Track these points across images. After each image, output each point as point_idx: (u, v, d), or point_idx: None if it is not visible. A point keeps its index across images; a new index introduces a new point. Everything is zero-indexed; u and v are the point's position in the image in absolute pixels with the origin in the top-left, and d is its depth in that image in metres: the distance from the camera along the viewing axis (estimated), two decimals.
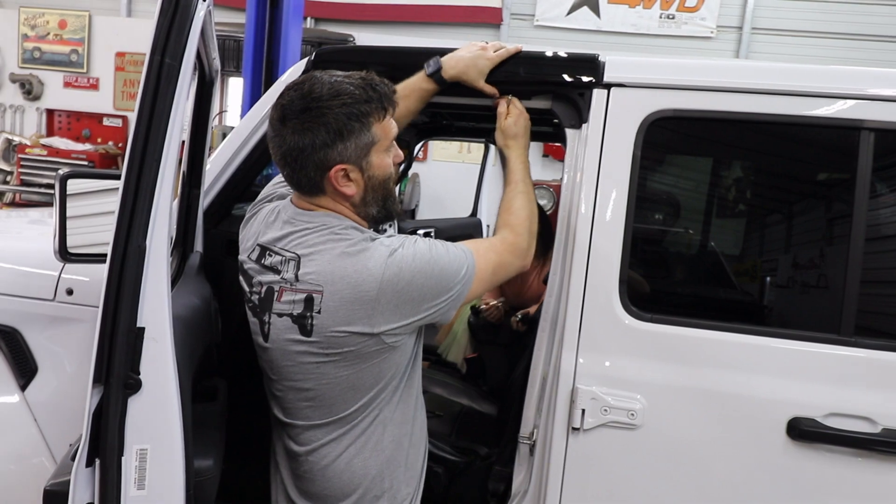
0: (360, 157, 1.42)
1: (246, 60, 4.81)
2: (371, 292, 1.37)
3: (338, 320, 1.39)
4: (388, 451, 1.53)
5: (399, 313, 1.41)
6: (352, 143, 1.40)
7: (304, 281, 1.41)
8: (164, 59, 1.12)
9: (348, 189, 1.45)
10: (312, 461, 1.52)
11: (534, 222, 1.64)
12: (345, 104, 1.38)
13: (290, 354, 1.46)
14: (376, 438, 1.51)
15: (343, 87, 1.39)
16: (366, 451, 1.51)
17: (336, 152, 1.39)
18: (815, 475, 1.59)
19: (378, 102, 1.42)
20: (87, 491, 1.19)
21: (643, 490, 1.67)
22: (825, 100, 1.63)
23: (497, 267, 1.56)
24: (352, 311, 1.38)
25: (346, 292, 1.38)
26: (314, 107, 1.37)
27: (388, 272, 1.38)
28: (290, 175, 1.47)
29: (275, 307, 1.46)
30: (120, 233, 1.14)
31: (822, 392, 1.58)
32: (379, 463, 1.52)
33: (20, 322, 2.04)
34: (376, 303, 1.38)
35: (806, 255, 1.76)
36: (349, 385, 1.46)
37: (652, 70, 1.74)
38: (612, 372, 1.66)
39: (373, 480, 1.52)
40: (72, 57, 7.16)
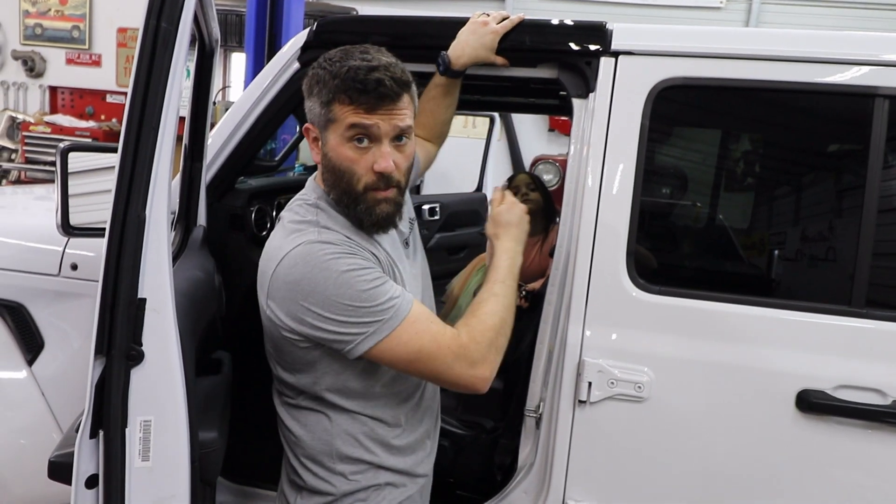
0: (320, 125, 1.38)
1: (248, 35, 4.78)
2: (270, 271, 1.34)
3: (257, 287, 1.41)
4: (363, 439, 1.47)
5: (284, 306, 1.32)
6: (315, 104, 1.37)
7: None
8: (161, 24, 1.09)
9: (314, 153, 1.44)
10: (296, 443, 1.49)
11: (501, 336, 1.41)
12: (324, 68, 1.36)
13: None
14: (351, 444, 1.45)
15: (349, 61, 1.34)
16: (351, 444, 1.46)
17: (307, 106, 1.40)
18: (825, 448, 1.58)
19: (349, 89, 1.32)
20: (92, 462, 1.19)
21: (650, 463, 1.66)
22: (838, 66, 1.59)
23: (427, 356, 1.34)
24: (260, 283, 1.38)
25: (263, 262, 1.39)
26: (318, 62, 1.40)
27: (289, 258, 1.31)
28: None
29: None
30: (119, 203, 1.12)
31: (831, 364, 1.56)
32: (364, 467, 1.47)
33: (26, 297, 2.05)
34: (271, 283, 1.33)
35: (818, 227, 1.74)
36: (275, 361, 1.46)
37: (661, 37, 1.70)
38: (618, 345, 1.65)
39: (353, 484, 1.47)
40: (73, 33, 7.09)
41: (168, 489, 1.24)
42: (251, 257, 2.07)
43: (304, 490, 1.50)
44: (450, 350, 1.34)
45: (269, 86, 1.90)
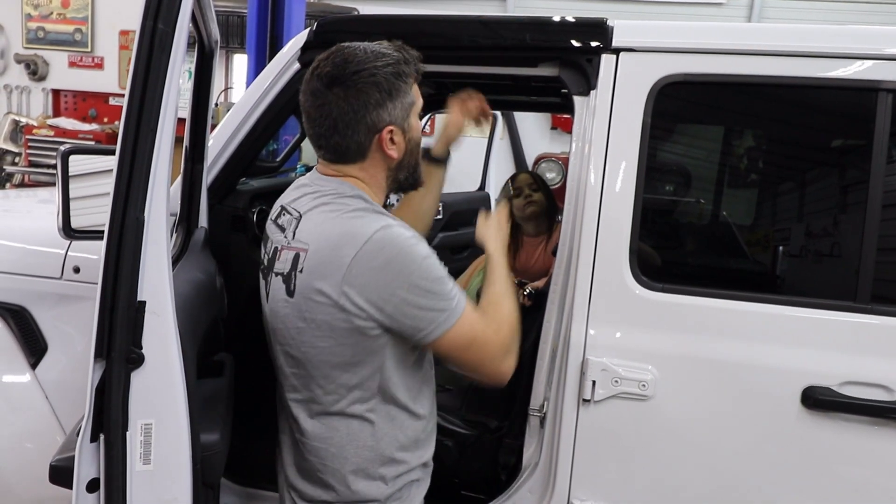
0: (405, 118, 1.42)
1: (249, 36, 4.78)
2: (346, 258, 1.30)
3: (313, 279, 1.33)
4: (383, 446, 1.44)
5: (367, 291, 1.30)
6: (399, 102, 1.40)
7: (297, 240, 1.39)
8: (157, 25, 1.08)
9: (393, 152, 1.43)
10: (306, 439, 1.46)
11: (517, 332, 1.48)
12: (389, 64, 1.38)
13: (281, 316, 1.42)
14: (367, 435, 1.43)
15: (382, 50, 1.40)
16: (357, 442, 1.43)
17: (387, 112, 1.39)
18: (831, 444, 1.57)
19: (414, 64, 1.43)
20: (93, 466, 1.18)
21: (655, 461, 1.65)
22: (841, 61, 1.58)
23: (481, 341, 1.39)
24: (325, 273, 1.32)
25: (325, 252, 1.33)
26: (364, 69, 1.36)
27: (372, 242, 1.31)
28: (337, 142, 1.42)
29: (275, 267, 1.44)
30: (117, 205, 1.12)
31: (837, 360, 1.56)
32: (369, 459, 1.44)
33: (29, 301, 2.05)
34: (348, 270, 1.30)
35: (822, 223, 1.73)
36: (324, 359, 1.38)
37: (662, 33, 1.69)
38: (622, 343, 1.64)
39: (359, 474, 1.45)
40: (76, 36, 7.11)
41: (170, 492, 1.24)
42: (253, 258, 2.06)
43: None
44: (493, 341, 1.41)
45: (270, 86, 1.90)
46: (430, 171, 1.77)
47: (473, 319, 1.38)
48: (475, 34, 1.83)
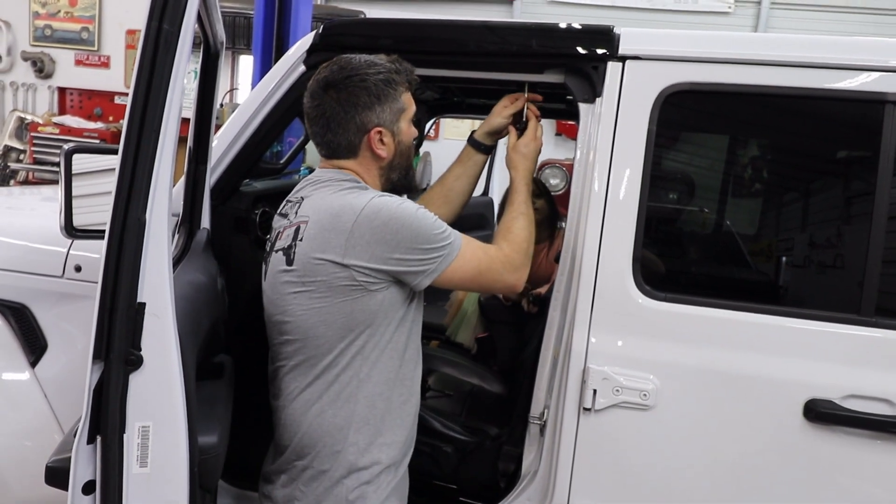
0: (393, 121, 1.58)
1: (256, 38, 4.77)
2: (347, 224, 1.45)
3: (314, 247, 1.47)
4: (358, 407, 1.53)
5: (370, 252, 1.45)
6: (387, 107, 1.56)
7: (298, 216, 1.55)
8: (162, 26, 1.08)
9: (382, 151, 1.59)
10: (288, 411, 1.57)
11: (531, 246, 1.67)
12: (380, 72, 1.55)
13: (277, 286, 1.55)
14: (349, 393, 1.53)
15: (376, 60, 1.57)
16: (337, 404, 1.53)
17: (375, 115, 1.55)
18: (833, 458, 1.56)
19: (405, 74, 1.59)
20: (89, 468, 1.17)
21: (655, 471, 1.64)
22: (848, 72, 1.57)
23: (485, 269, 1.58)
24: (327, 239, 1.46)
25: (325, 221, 1.48)
26: (355, 74, 1.54)
27: (368, 208, 1.46)
28: (330, 140, 1.59)
29: (276, 246, 1.58)
30: (118, 206, 1.11)
31: (840, 373, 1.54)
32: (346, 416, 1.53)
33: (29, 298, 2.05)
34: (350, 234, 1.45)
35: (826, 234, 1.72)
36: (321, 318, 1.50)
37: (668, 42, 1.68)
38: (624, 352, 1.63)
39: (336, 434, 1.53)
40: (83, 34, 7.12)
41: (166, 496, 1.23)
42: (255, 260, 2.05)
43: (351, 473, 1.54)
44: (499, 261, 1.60)
45: (275, 88, 1.89)
46: (469, 154, 1.97)
47: (473, 252, 1.56)
48: (481, 39, 1.83)
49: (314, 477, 1.55)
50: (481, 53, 1.83)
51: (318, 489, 1.54)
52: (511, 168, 1.82)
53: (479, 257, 1.57)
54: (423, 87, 2.19)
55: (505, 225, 1.69)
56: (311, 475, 1.55)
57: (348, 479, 1.54)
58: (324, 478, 1.54)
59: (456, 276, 1.54)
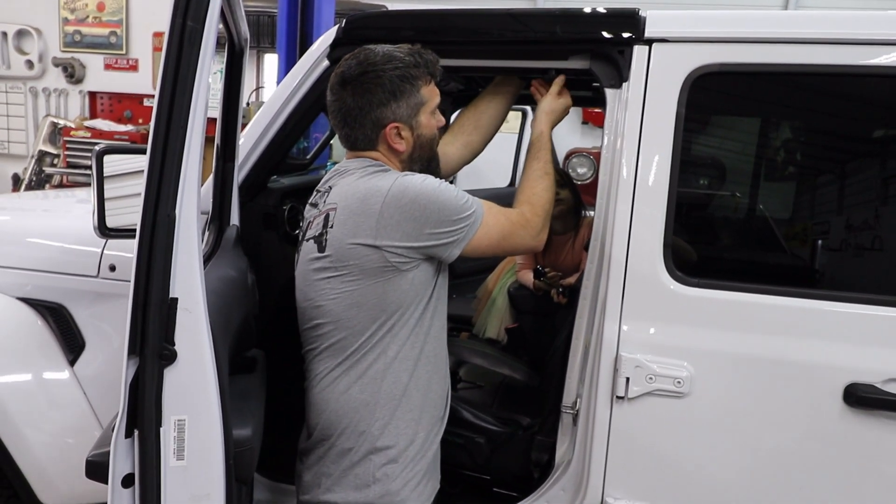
0: (411, 116, 1.59)
1: (280, 35, 4.80)
2: (375, 206, 1.48)
3: (346, 232, 1.50)
4: (385, 385, 1.56)
5: (401, 231, 1.48)
6: (403, 102, 1.56)
7: (327, 204, 1.57)
8: (187, 22, 1.09)
9: (399, 146, 1.60)
10: (316, 391, 1.60)
11: (551, 206, 1.69)
12: (397, 68, 1.54)
13: (309, 273, 1.58)
14: (376, 370, 1.56)
15: (395, 55, 1.56)
16: (364, 381, 1.56)
17: (390, 111, 1.56)
18: (874, 443, 1.52)
19: (425, 68, 1.58)
20: (128, 461, 1.19)
21: (691, 460, 1.62)
22: (883, 48, 1.53)
23: (507, 234, 1.60)
24: (357, 224, 1.49)
25: (354, 206, 1.51)
26: (370, 70, 1.54)
27: (394, 188, 1.49)
28: (348, 134, 1.62)
29: (307, 235, 1.61)
30: (148, 203, 1.12)
31: (880, 356, 1.51)
32: (372, 392, 1.56)
33: (67, 298, 2.09)
34: (380, 216, 1.47)
35: (863, 215, 1.67)
36: (353, 301, 1.52)
37: (695, 23, 1.65)
38: (657, 339, 1.61)
39: (362, 411, 1.56)
40: (111, 39, 7.22)
41: (203, 488, 1.24)
42: (285, 255, 2.07)
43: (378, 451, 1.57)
44: (520, 226, 1.62)
45: (300, 84, 1.90)
46: (503, 79, 2.02)
47: (496, 218, 1.58)
48: (504, 28, 1.81)
49: (341, 454, 1.57)
50: (505, 42, 1.81)
51: (345, 465, 1.57)
52: (538, 123, 1.82)
53: (502, 223, 1.59)
54: (447, 78, 2.18)
55: (525, 186, 1.70)
56: (337, 452, 1.58)
57: (375, 455, 1.56)
58: (350, 455, 1.56)
59: (482, 244, 1.57)
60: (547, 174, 1.71)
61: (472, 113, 2.02)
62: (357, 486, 1.56)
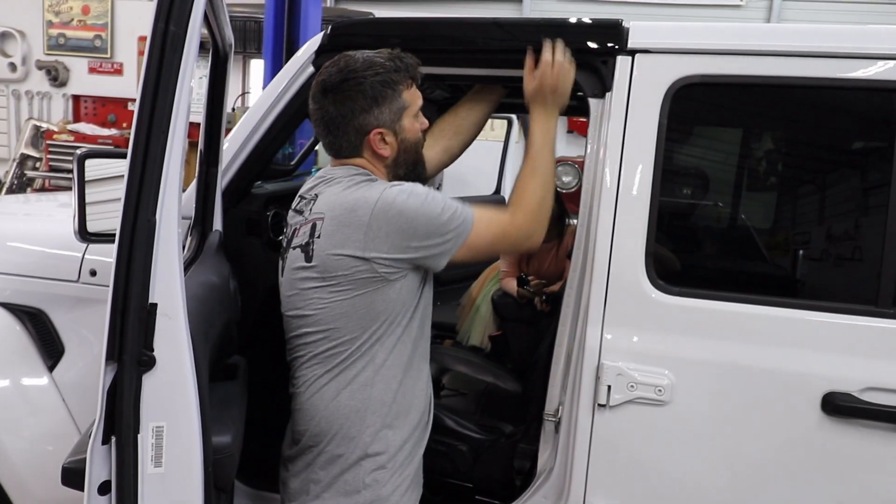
0: (394, 121, 1.58)
1: (266, 41, 4.80)
2: (364, 217, 1.47)
3: (334, 243, 1.49)
4: (374, 392, 1.56)
5: (389, 242, 1.47)
6: (385, 108, 1.56)
7: (314, 213, 1.56)
8: (169, 27, 1.09)
9: (384, 151, 1.60)
10: (304, 397, 1.59)
11: (546, 204, 1.64)
12: (378, 73, 1.54)
13: (295, 282, 1.57)
14: (365, 378, 1.55)
15: (375, 60, 1.56)
16: (353, 387, 1.55)
17: (373, 117, 1.56)
18: (852, 451, 1.53)
19: (406, 72, 1.58)
20: (105, 468, 1.18)
21: (672, 467, 1.63)
22: (862, 61, 1.55)
23: (496, 240, 1.60)
24: (346, 235, 1.48)
25: (342, 217, 1.50)
26: (351, 78, 1.54)
27: (382, 200, 1.48)
28: (332, 142, 1.62)
29: (293, 243, 1.60)
30: (129, 207, 1.12)
31: (858, 366, 1.52)
32: (362, 399, 1.55)
33: (46, 303, 2.07)
34: (368, 228, 1.47)
35: (842, 226, 1.70)
36: (342, 311, 1.52)
37: (678, 34, 1.67)
38: (638, 347, 1.62)
39: (353, 417, 1.55)
40: (96, 42, 7.19)
41: (181, 495, 1.23)
42: (268, 261, 2.06)
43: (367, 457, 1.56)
44: (512, 231, 1.60)
45: (285, 90, 1.90)
46: (489, 87, 1.99)
47: (486, 226, 1.56)
48: (489, 37, 1.82)
49: (330, 461, 1.56)
50: (490, 51, 1.82)
51: (335, 472, 1.56)
52: (531, 101, 1.69)
53: (493, 231, 1.58)
54: (432, 86, 2.19)
55: (516, 188, 1.66)
56: (326, 459, 1.57)
57: (365, 461, 1.56)
58: (340, 461, 1.56)
59: (472, 252, 1.56)
60: (536, 172, 1.64)
61: (452, 118, 2.00)
62: (347, 493, 1.56)
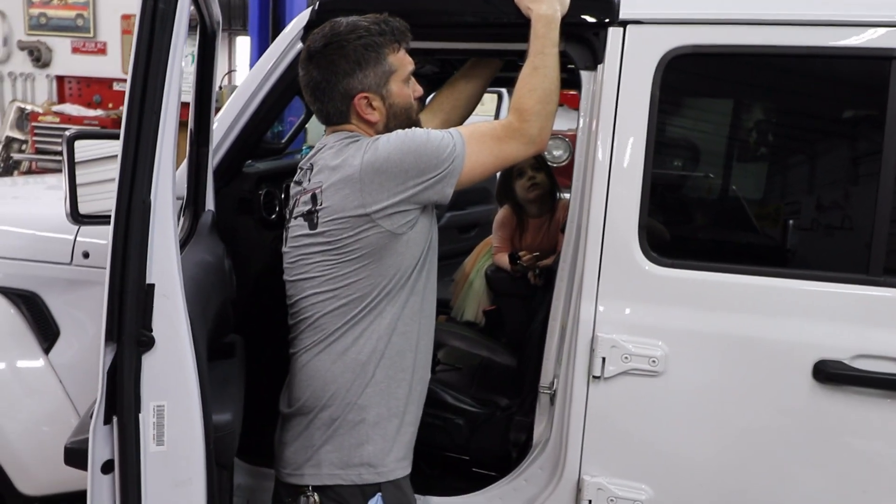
0: (380, 85, 1.57)
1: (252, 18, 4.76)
2: (354, 175, 1.48)
3: (335, 208, 1.50)
4: (380, 349, 1.57)
5: (386, 191, 1.48)
6: (370, 71, 1.55)
7: (312, 182, 1.57)
8: (158, 5, 1.08)
9: (372, 116, 1.59)
10: (305, 359, 1.60)
11: (550, 101, 1.59)
12: (360, 37, 1.54)
13: (299, 249, 1.58)
14: (370, 333, 1.56)
15: (359, 24, 1.55)
16: (358, 345, 1.56)
17: (357, 80, 1.55)
18: (843, 418, 1.56)
19: (391, 35, 1.56)
20: (107, 448, 1.19)
21: (666, 437, 1.65)
22: (853, 28, 1.55)
23: (497, 151, 1.56)
24: (344, 197, 1.49)
25: (335, 179, 1.51)
26: (334, 41, 1.54)
27: (367, 154, 1.49)
28: (319, 109, 1.63)
29: (294, 212, 1.61)
30: (123, 188, 1.12)
31: (848, 333, 1.54)
32: (367, 359, 1.56)
33: (40, 286, 2.06)
34: (361, 183, 1.48)
35: (833, 195, 1.71)
36: (351, 270, 1.52)
37: (669, 4, 1.66)
38: (632, 319, 1.64)
39: (353, 381, 1.56)
40: (78, 21, 7.08)
41: (184, 473, 1.25)
42: (261, 240, 2.06)
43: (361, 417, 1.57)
44: (509, 138, 1.57)
45: (273, 67, 1.88)
46: (485, 60, 1.99)
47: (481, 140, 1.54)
48: (478, 10, 1.80)
49: (328, 423, 1.58)
50: (479, 24, 1.81)
51: (331, 434, 1.58)
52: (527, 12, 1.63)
53: (488, 143, 1.56)
54: (422, 61, 2.17)
55: (518, 87, 1.60)
56: (324, 421, 1.58)
57: (362, 425, 1.57)
58: (337, 424, 1.57)
59: (476, 170, 1.54)
60: (537, 69, 1.59)
61: (449, 92, 2.02)
62: (343, 456, 1.57)
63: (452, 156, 1.51)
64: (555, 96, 1.61)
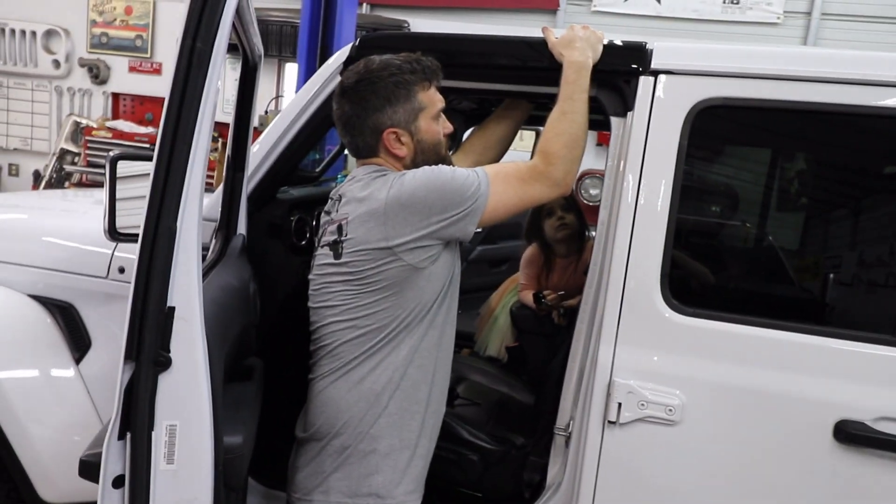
0: (409, 121, 1.62)
1: (301, 46, 4.87)
2: (380, 209, 1.52)
3: (359, 240, 1.54)
4: (395, 381, 1.59)
5: (408, 224, 1.51)
6: (399, 108, 1.60)
7: (339, 213, 1.62)
8: (196, 44, 1.13)
9: (400, 151, 1.64)
10: (322, 385, 1.63)
11: (577, 146, 1.62)
12: (392, 74, 1.59)
13: (324, 277, 1.62)
14: (386, 365, 1.58)
15: (391, 62, 1.61)
16: (374, 375, 1.58)
17: (386, 116, 1.60)
18: (862, 480, 1.52)
19: (422, 74, 1.61)
20: (119, 463, 1.22)
21: (680, 488, 1.63)
22: (887, 89, 1.54)
23: (521, 192, 1.59)
24: (368, 230, 1.53)
25: (361, 212, 1.55)
26: (366, 78, 1.60)
27: (393, 189, 1.53)
28: (350, 142, 1.68)
29: (321, 241, 1.66)
30: (151, 214, 1.16)
31: (872, 395, 1.51)
32: (381, 389, 1.58)
33: (76, 298, 2.13)
34: (386, 217, 1.52)
35: (860, 254, 1.68)
36: (372, 301, 1.55)
37: (701, 56, 1.67)
38: (650, 366, 1.63)
39: (367, 411, 1.58)
40: (137, 42, 7.36)
41: (191, 492, 1.27)
42: (290, 266, 2.10)
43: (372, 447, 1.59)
44: (534, 180, 1.60)
45: (313, 98, 1.93)
46: (517, 102, 2.04)
47: (505, 181, 1.57)
48: (515, 54, 1.84)
49: (339, 451, 1.60)
50: (515, 67, 1.84)
51: (342, 463, 1.59)
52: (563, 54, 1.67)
53: (513, 184, 1.58)
54: (458, 98, 2.21)
55: (546, 130, 1.64)
56: (336, 449, 1.60)
57: (373, 455, 1.59)
58: (348, 452, 1.59)
59: (499, 210, 1.57)
60: (566, 114, 1.62)
61: (482, 133, 2.06)
62: (352, 486, 1.59)
63: (476, 195, 1.53)
64: (582, 141, 1.64)
